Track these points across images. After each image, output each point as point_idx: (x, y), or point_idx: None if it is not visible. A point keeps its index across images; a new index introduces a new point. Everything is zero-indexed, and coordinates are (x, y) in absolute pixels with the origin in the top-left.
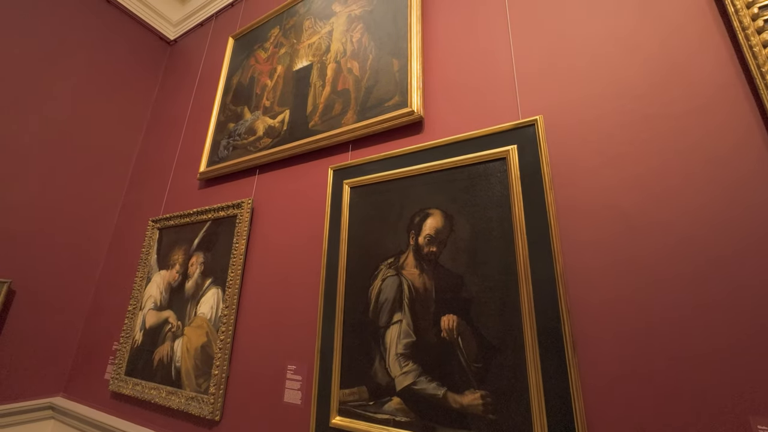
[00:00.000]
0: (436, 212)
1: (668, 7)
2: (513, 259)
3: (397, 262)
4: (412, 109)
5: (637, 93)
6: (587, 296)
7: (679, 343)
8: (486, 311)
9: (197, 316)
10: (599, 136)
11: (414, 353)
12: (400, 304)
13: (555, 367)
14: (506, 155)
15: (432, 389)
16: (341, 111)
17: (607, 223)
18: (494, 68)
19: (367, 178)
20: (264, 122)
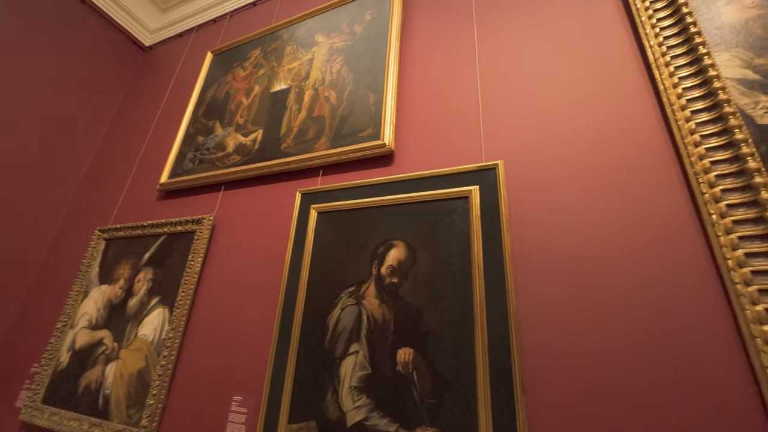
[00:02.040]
0: (401, 244)
1: (617, 79)
2: (470, 295)
3: (358, 291)
4: (384, 141)
5: (586, 148)
6: (537, 333)
7: (622, 382)
8: (442, 346)
9: (137, 337)
10: (552, 184)
11: (368, 387)
12: (358, 334)
13: (504, 405)
14: (469, 194)
15: (384, 426)
16: (315, 136)
17: (557, 265)
18: (462, 112)
19: (335, 204)
20: (235, 139)
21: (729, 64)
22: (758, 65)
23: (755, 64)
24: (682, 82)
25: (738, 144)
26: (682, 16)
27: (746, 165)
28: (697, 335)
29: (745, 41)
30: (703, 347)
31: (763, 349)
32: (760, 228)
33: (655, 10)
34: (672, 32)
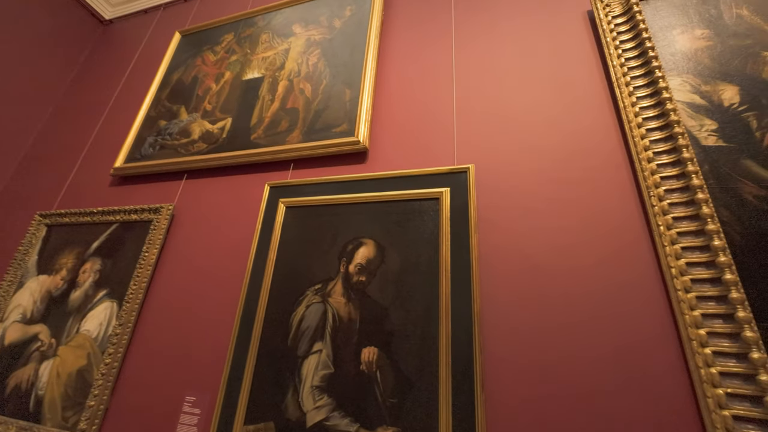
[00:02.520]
0: (370, 242)
1: (582, 94)
2: (436, 295)
3: (325, 288)
4: (359, 138)
5: (552, 159)
6: (499, 336)
7: (577, 385)
8: (406, 346)
9: (79, 333)
10: (519, 190)
11: (330, 386)
12: (323, 333)
13: (465, 403)
14: (440, 196)
15: (344, 426)
16: (287, 128)
17: (520, 269)
18: (437, 115)
19: (305, 199)
20: (202, 126)
21: (680, 89)
22: (704, 91)
23: (702, 90)
24: (639, 101)
25: (685, 162)
26: (643, 41)
27: (691, 182)
28: (642, 338)
29: (695, 69)
30: (647, 348)
31: (697, 351)
32: (700, 240)
33: (619, 33)
34: (633, 54)
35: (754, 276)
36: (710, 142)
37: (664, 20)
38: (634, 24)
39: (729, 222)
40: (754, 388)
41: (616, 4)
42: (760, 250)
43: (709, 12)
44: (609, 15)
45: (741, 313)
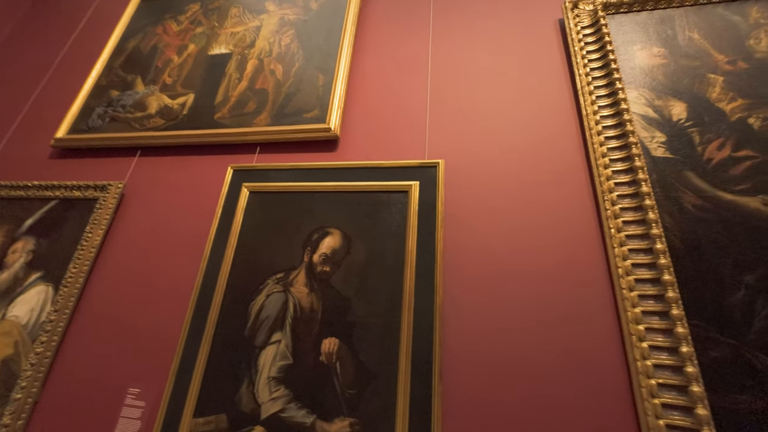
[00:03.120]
0: (336, 232)
1: (549, 99)
2: (400, 288)
3: (287, 278)
4: (330, 126)
5: (519, 159)
6: (458, 329)
7: (528, 377)
8: (368, 337)
9: (6, 319)
10: (485, 189)
11: (288, 377)
12: (282, 323)
13: (422, 394)
14: (409, 189)
15: (300, 417)
16: (255, 110)
17: (483, 265)
18: (410, 108)
19: (270, 185)
20: (160, 100)
21: (636, 101)
22: (657, 105)
23: (655, 104)
24: (600, 110)
25: (636, 170)
26: (607, 53)
27: (640, 189)
28: (590, 332)
29: (650, 84)
30: (594, 342)
31: (636, 345)
32: (645, 243)
33: (586, 43)
34: (597, 65)
35: (688, 278)
36: (659, 153)
37: (627, 35)
38: (600, 36)
39: (670, 228)
40: (682, 379)
41: (585, 15)
42: (695, 255)
43: (666, 32)
44: (578, 25)
45: (675, 311)
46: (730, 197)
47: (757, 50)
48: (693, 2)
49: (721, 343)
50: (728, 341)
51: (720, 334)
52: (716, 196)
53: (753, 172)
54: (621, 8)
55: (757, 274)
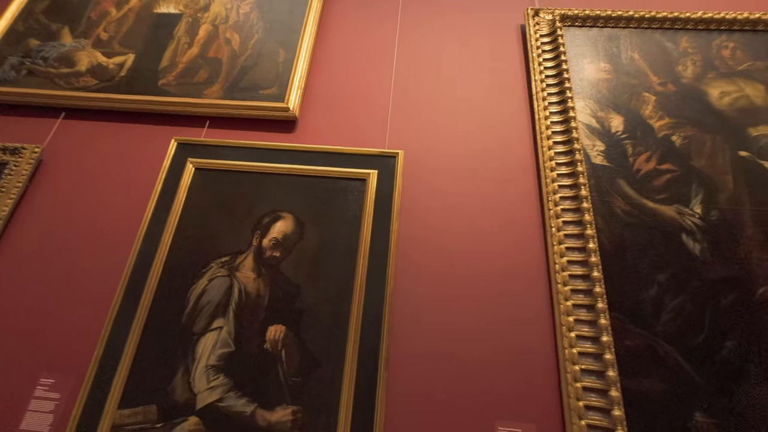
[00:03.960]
0: (289, 217)
1: (506, 100)
2: (352, 276)
3: (233, 262)
4: (289, 106)
5: (475, 156)
6: (406, 319)
7: (464, 366)
8: (316, 324)
9: None
10: (442, 183)
11: (228, 366)
12: (225, 309)
13: (367, 383)
14: (367, 178)
15: (240, 406)
16: (206, 80)
17: (434, 258)
18: (374, 96)
19: (220, 162)
20: (92, 57)
21: (582, 111)
22: (599, 117)
23: (598, 116)
24: (551, 116)
25: (578, 175)
26: (560, 62)
27: (580, 192)
28: (527, 324)
29: (595, 96)
30: (529, 333)
31: (565, 335)
32: (580, 242)
33: (544, 51)
34: (552, 73)
35: (612, 275)
36: (598, 160)
37: (579, 48)
38: (556, 46)
39: (602, 229)
40: (600, 365)
41: (545, 24)
42: (620, 255)
43: (612, 49)
44: (538, 33)
45: (600, 305)
46: (652, 205)
47: (684, 76)
48: (636, 25)
49: (634, 333)
50: (640, 332)
51: (634, 326)
52: (641, 203)
53: (672, 183)
54: (576, 22)
55: (667, 274)
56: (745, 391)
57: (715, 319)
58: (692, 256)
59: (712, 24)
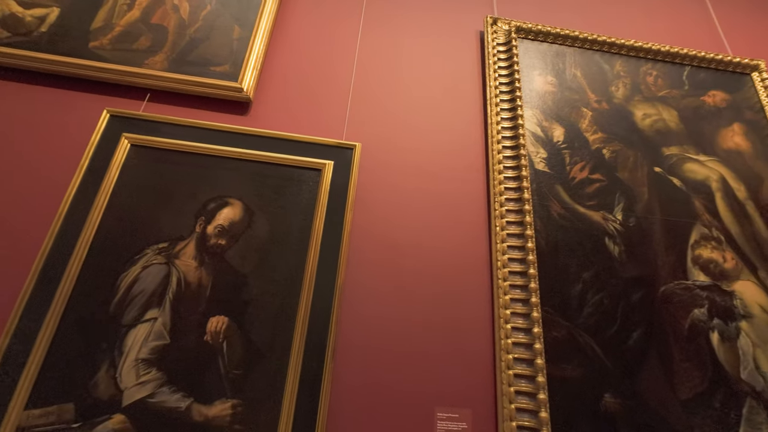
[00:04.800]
0: (237, 203)
1: (463, 102)
2: (302, 267)
3: (172, 248)
4: (243, 86)
5: (429, 153)
6: (355, 312)
7: (408, 356)
8: (262, 316)
9: None
10: (397, 179)
11: (162, 359)
12: (161, 298)
13: (313, 375)
14: (323, 168)
15: (174, 401)
16: (148, 48)
17: (386, 250)
18: (334, 86)
19: (162, 140)
20: (4, 5)
21: (530, 119)
22: (544, 126)
23: (543, 125)
24: (502, 122)
25: (522, 179)
26: (513, 72)
27: (523, 195)
28: (469, 317)
29: (542, 106)
30: (471, 326)
31: (502, 326)
32: (520, 241)
33: (499, 59)
34: (505, 81)
35: (546, 273)
36: (540, 167)
37: (530, 60)
38: (510, 55)
39: (540, 230)
40: (531, 354)
41: (501, 33)
42: (553, 254)
43: (558, 65)
44: (495, 41)
45: (533, 299)
46: (583, 210)
47: (616, 96)
48: (580, 45)
49: (560, 325)
50: (565, 324)
51: (561, 318)
52: (574, 208)
53: (600, 192)
54: (529, 35)
55: (591, 272)
56: (645, 375)
57: (626, 313)
58: (612, 257)
59: (641, 52)
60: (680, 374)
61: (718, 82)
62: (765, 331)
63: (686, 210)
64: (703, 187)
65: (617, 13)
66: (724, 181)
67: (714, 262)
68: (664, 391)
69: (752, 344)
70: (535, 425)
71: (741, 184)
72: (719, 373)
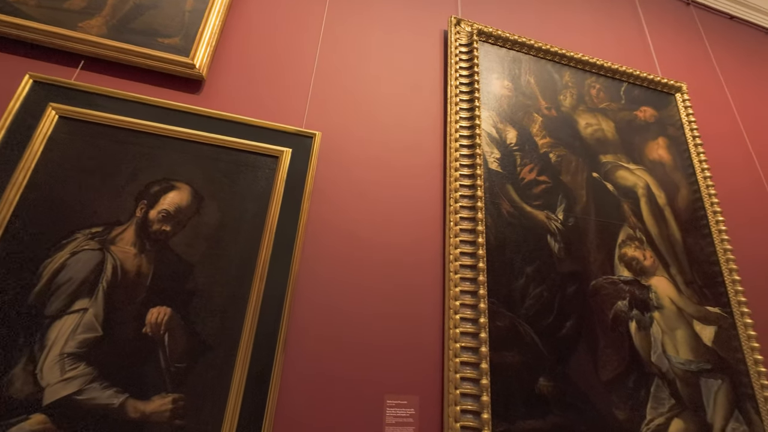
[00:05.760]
0: (185, 188)
1: (425, 99)
2: (255, 256)
3: (108, 233)
4: (195, 62)
5: (390, 147)
6: (308, 301)
7: (361, 346)
8: (209, 306)
9: None
10: (356, 170)
11: (92, 353)
12: (93, 288)
13: (262, 366)
14: (280, 155)
15: (106, 398)
16: (83, 10)
17: (342, 241)
18: (296, 71)
19: (96, 114)
20: None
21: (486, 120)
22: (499, 128)
23: (498, 127)
24: (461, 120)
25: (476, 177)
26: (473, 73)
27: (476, 192)
28: (422, 305)
29: (498, 109)
30: (422, 314)
31: (451, 317)
32: (472, 236)
33: (461, 59)
34: (465, 81)
35: (493, 267)
36: (494, 166)
37: (489, 63)
38: (471, 57)
39: (490, 226)
40: (476, 342)
41: (464, 35)
42: (501, 249)
43: (514, 70)
44: (457, 41)
45: (481, 291)
46: (529, 209)
47: (563, 104)
48: (534, 54)
49: (504, 315)
50: (508, 314)
51: (505, 309)
52: (522, 207)
53: (545, 193)
54: (489, 39)
55: (534, 267)
56: (575, 360)
57: (562, 304)
58: (552, 253)
59: (587, 66)
60: (603, 359)
61: (649, 99)
62: (672, 320)
63: (616, 213)
64: (631, 193)
65: (571, 24)
66: (648, 188)
67: (636, 260)
68: (590, 374)
69: (662, 332)
70: (477, 408)
71: (662, 192)
72: (634, 357)
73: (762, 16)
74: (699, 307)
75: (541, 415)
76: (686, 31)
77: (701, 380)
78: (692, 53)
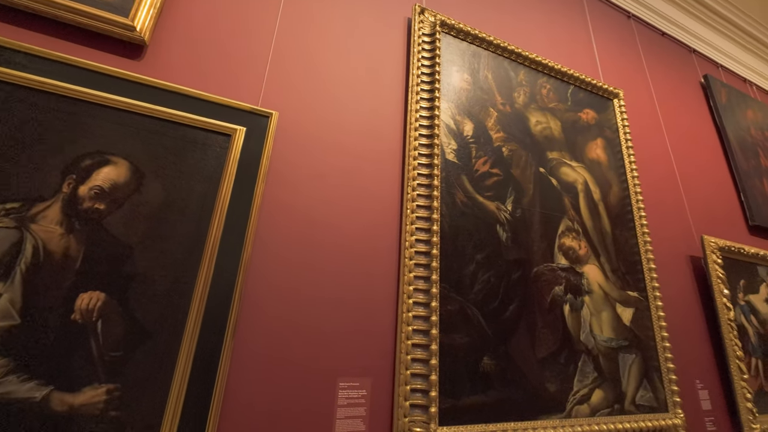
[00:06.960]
0: (122, 163)
1: (386, 86)
2: (203, 239)
3: (27, 210)
4: (135, 24)
5: (349, 130)
6: (261, 285)
7: (315, 331)
8: (150, 291)
9: None
10: (315, 153)
11: (9, 343)
12: (8, 270)
13: (209, 352)
14: (233, 133)
15: (25, 391)
16: None
17: (298, 224)
18: (252, 47)
19: (16, 74)
20: None
21: (446, 112)
22: (457, 120)
23: (456, 119)
24: (421, 110)
25: (434, 166)
26: (435, 64)
27: (433, 181)
28: (376, 290)
29: (457, 101)
30: (377, 298)
31: (405, 301)
32: (427, 224)
33: (423, 49)
34: (426, 71)
35: (446, 253)
36: (450, 157)
37: (451, 56)
38: (433, 47)
39: (444, 215)
40: (427, 325)
41: (427, 24)
42: (454, 237)
43: (474, 65)
44: (421, 30)
45: (434, 277)
46: (482, 200)
47: (517, 102)
48: (493, 50)
49: (454, 299)
50: (458, 298)
51: (456, 294)
52: (475, 197)
53: (496, 185)
54: (452, 31)
55: (484, 254)
56: (515, 340)
57: (507, 289)
58: (500, 242)
59: (540, 66)
60: (540, 338)
61: (591, 102)
62: (599, 303)
63: (558, 206)
64: (571, 188)
65: (527, 19)
66: (586, 184)
67: (572, 249)
68: (528, 352)
69: (590, 313)
70: (425, 387)
71: (597, 188)
72: (566, 336)
73: (686, 34)
74: (621, 292)
75: (484, 390)
76: (626, 40)
77: (619, 355)
78: (629, 62)
